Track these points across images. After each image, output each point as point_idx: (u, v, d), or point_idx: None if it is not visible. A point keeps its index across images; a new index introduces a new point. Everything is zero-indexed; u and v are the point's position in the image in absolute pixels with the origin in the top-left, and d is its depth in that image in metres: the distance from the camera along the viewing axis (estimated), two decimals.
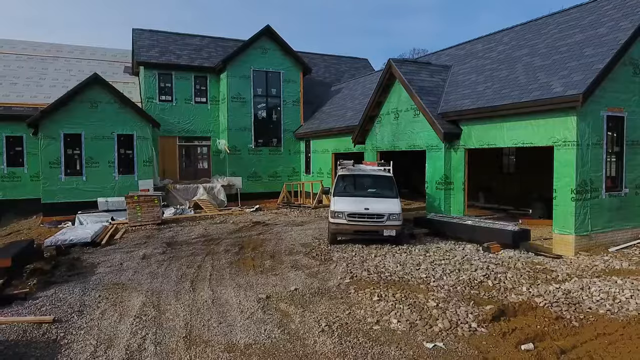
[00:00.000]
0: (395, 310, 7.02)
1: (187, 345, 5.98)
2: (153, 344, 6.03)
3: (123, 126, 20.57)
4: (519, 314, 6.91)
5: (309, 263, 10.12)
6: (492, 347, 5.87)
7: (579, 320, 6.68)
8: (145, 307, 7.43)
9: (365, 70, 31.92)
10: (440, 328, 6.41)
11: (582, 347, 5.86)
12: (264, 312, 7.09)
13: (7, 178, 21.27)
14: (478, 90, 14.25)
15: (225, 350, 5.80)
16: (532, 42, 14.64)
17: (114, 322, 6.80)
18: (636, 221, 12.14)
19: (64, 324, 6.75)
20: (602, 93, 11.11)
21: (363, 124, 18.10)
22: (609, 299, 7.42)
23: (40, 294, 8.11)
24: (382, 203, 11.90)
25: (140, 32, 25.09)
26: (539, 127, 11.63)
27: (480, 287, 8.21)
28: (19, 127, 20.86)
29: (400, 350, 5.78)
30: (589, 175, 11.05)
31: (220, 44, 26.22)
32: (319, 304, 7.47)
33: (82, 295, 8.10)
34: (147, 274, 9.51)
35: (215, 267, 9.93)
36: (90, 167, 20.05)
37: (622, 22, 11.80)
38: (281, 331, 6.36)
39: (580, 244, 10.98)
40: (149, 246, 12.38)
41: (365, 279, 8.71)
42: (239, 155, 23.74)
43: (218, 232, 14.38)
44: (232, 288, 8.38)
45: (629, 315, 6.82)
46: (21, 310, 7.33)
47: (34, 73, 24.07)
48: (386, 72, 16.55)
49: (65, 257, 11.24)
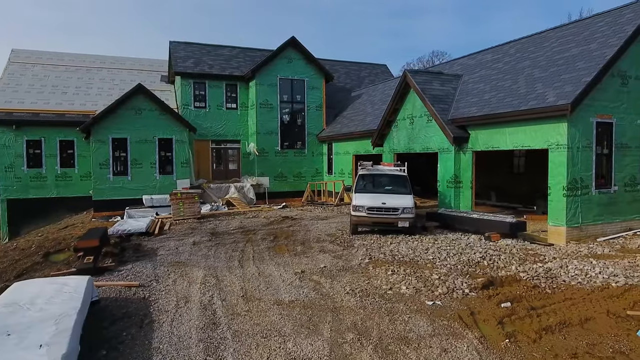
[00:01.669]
0: (404, 280, 8.81)
1: (245, 300, 7.90)
2: (219, 300, 7.96)
3: (163, 131, 22.80)
4: (504, 284, 8.63)
5: (334, 248, 11.97)
6: (478, 305, 7.61)
7: (552, 288, 8.36)
8: (207, 277, 9.39)
9: (384, 76, 33.64)
10: (440, 293, 8.17)
11: (550, 307, 7.54)
12: (301, 281, 8.97)
13: (60, 178, 23.73)
14: (485, 98, 15.89)
15: (274, 304, 7.69)
16: (534, 54, 16.19)
17: (185, 287, 8.78)
18: (625, 215, 13.62)
19: (147, 288, 8.75)
20: (592, 102, 12.66)
21: (381, 128, 19.86)
22: (582, 275, 9.05)
23: (122, 268, 10.17)
24: (397, 199, 13.67)
25: (176, 44, 27.38)
26: (535, 132, 13.24)
27: (477, 266, 9.92)
28: (71, 132, 23.35)
29: (407, 306, 7.58)
30: (580, 175, 12.62)
31: (248, 53, 28.33)
32: (344, 276, 9.31)
33: (153, 269, 10.12)
34: (200, 255, 11.51)
35: (255, 251, 11.86)
36: (134, 168, 22.33)
37: (611, 39, 13.32)
38: (315, 293, 8.24)
39: (571, 235, 12.54)
40: (195, 235, 14.41)
41: (382, 259, 10.51)
42: (266, 157, 25.76)
43: (252, 224, 16.35)
44: (273, 265, 10.29)
45: (594, 285, 8.46)
46: (112, 278, 9.38)
47: (81, 83, 26.56)
48: (402, 81, 18.29)
49: (128, 243, 13.34)
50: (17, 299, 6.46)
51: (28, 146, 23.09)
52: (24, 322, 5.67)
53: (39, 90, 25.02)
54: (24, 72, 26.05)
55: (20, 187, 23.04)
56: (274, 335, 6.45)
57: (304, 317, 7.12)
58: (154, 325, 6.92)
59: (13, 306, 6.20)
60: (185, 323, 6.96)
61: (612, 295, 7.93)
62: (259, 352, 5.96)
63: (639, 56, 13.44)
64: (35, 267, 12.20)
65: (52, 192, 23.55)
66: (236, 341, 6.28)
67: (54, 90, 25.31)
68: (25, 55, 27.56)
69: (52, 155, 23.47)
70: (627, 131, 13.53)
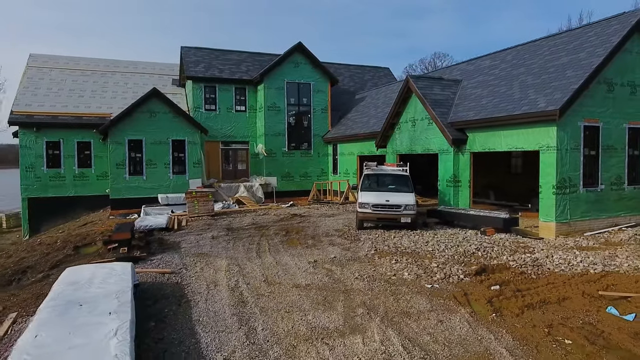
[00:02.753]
0: (407, 268, 9.92)
1: (267, 284, 9.02)
2: (244, 283, 9.09)
3: (176, 133, 23.95)
4: (495, 271, 9.72)
5: (342, 242, 13.09)
6: (471, 288, 8.71)
7: (537, 275, 9.46)
8: (230, 266, 10.51)
9: (387, 79, 34.74)
10: (438, 278, 9.28)
11: (533, 290, 8.63)
12: (314, 269, 10.09)
13: (77, 177, 24.88)
14: (482, 103, 16.98)
15: (293, 287, 8.81)
16: (528, 61, 17.28)
17: (212, 274, 9.90)
18: (611, 212, 14.70)
19: (178, 274, 9.88)
20: (580, 107, 13.74)
21: (384, 130, 20.96)
22: (565, 263, 10.14)
23: (152, 258, 11.31)
24: (399, 196, 14.77)
25: (187, 49, 28.53)
26: (527, 135, 14.33)
27: (472, 256, 11.02)
28: (88, 133, 24.55)
29: (409, 288, 8.69)
30: (568, 174, 13.70)
31: (256, 58, 29.47)
32: (352, 265, 10.43)
33: (181, 259, 11.25)
34: (220, 248, 12.63)
35: (270, 244, 12.98)
36: (149, 168, 23.49)
37: (598, 48, 14.39)
38: (328, 278, 9.35)
39: (560, 230, 13.62)
40: (212, 230, 15.54)
41: (386, 251, 11.62)
42: (274, 158, 26.91)
43: (264, 221, 17.47)
44: (288, 256, 11.41)
45: (574, 272, 9.55)
46: (145, 266, 10.51)
47: (97, 86, 27.74)
48: (405, 86, 19.38)
49: (151, 237, 14.47)
50: (76, 280, 7.59)
51: (47, 147, 24.23)
52: (88, 296, 6.79)
53: (57, 93, 26.19)
54: (42, 77, 27.23)
55: (40, 186, 24.20)
56: (296, 310, 7.57)
57: (320, 297, 8.23)
58: (190, 304, 8.04)
59: (75, 285, 7.33)
60: (217, 302, 8.09)
61: (589, 280, 9.01)
62: (284, 323, 7.07)
63: (624, 65, 14.52)
64: (68, 259, 13.34)
65: (70, 191, 24.70)
66: (264, 315, 7.40)
67: (71, 93, 26.48)
68: (43, 59, 28.74)
69: (70, 156, 24.61)
70: (613, 134, 14.60)
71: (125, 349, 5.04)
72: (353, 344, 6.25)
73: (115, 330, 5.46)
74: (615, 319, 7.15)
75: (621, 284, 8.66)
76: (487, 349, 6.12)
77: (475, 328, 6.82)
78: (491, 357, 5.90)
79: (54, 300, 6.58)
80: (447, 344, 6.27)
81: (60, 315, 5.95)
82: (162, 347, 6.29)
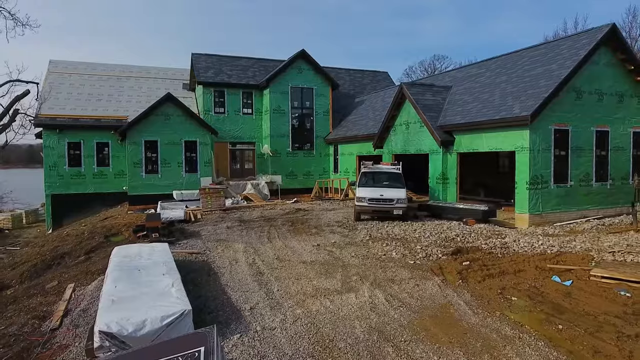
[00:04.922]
0: (395, 249, 11.83)
1: (279, 260, 10.95)
2: (260, 261, 11.01)
3: (189, 134, 25.89)
4: (469, 252, 11.62)
5: (341, 230, 15.00)
6: (446, 264, 10.61)
7: (502, 254, 11.36)
8: (246, 248, 12.44)
9: (385, 82, 36.67)
10: (420, 257, 11.18)
11: (497, 265, 10.52)
12: (318, 250, 12.00)
13: (96, 175, 26.85)
14: (467, 108, 18.88)
15: (300, 263, 10.73)
16: (510, 71, 19.18)
17: (232, 254, 11.82)
18: (580, 205, 16.59)
19: (203, 255, 11.80)
20: (551, 112, 15.63)
21: (381, 132, 22.87)
22: (528, 246, 12.04)
23: (180, 243, 13.23)
24: (393, 191, 16.68)
25: (198, 56, 30.49)
26: (505, 137, 16.23)
27: (452, 241, 12.92)
28: (106, 134, 26.53)
29: (395, 263, 10.60)
30: (540, 172, 15.59)
31: (262, 64, 31.43)
32: (350, 248, 12.34)
33: (203, 244, 13.18)
34: (236, 235, 14.56)
35: (279, 232, 14.90)
36: (164, 167, 25.42)
37: (568, 61, 16.29)
38: (329, 256, 11.27)
39: (533, 220, 15.52)
40: (226, 222, 17.46)
41: (379, 237, 13.53)
42: (278, 157, 28.85)
43: (272, 214, 19.40)
44: (295, 241, 13.33)
45: (535, 252, 11.44)
46: (175, 249, 12.43)
47: (113, 91, 29.72)
48: (399, 93, 21.29)
49: (173, 227, 16.39)
50: (127, 254, 9.52)
51: (69, 147, 26.20)
52: (142, 265, 8.71)
53: (77, 97, 28.17)
54: (62, 82, 29.21)
55: (63, 183, 26.16)
56: (303, 278, 9.49)
57: (322, 269, 10.15)
58: (217, 275, 9.96)
59: (128, 257, 9.26)
60: (239, 273, 10.01)
61: (545, 258, 10.90)
62: (294, 286, 8.99)
63: (591, 75, 16.41)
64: (102, 246, 15.29)
65: (89, 188, 26.66)
66: (278, 281, 9.32)
67: (89, 97, 28.46)
68: (63, 65, 30.73)
69: (90, 156, 26.58)
70: (582, 136, 16.49)
71: (182, 293, 6.96)
72: (348, 298, 8.17)
73: (172, 283, 7.38)
74: (556, 284, 9.04)
75: (570, 260, 10.55)
76: (450, 302, 8.03)
77: (443, 289, 8.74)
78: (451, 306, 7.81)
79: (117, 266, 8.50)
80: (419, 298, 8.19)
81: (127, 276, 7.87)
82: (202, 301, 8.21)
